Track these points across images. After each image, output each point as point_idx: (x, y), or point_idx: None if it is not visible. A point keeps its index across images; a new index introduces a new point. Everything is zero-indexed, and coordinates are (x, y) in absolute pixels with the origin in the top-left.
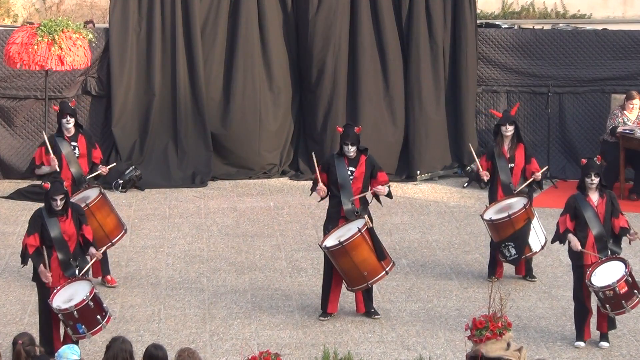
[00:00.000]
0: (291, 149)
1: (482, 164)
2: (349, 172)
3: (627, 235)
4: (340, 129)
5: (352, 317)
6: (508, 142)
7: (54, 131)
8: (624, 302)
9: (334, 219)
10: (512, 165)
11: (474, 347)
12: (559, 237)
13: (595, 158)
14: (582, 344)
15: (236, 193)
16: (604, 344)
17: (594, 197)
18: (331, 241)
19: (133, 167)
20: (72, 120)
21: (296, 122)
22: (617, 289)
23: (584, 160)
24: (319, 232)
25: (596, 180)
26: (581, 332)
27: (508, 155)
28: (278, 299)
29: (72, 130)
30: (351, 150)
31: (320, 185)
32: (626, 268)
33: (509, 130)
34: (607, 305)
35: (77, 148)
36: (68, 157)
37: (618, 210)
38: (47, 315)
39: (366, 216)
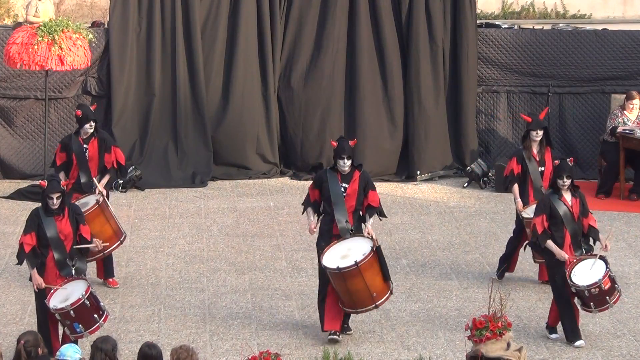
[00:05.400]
0: (290, 149)
1: (513, 167)
2: (342, 189)
3: (600, 243)
4: (335, 143)
5: (352, 317)
6: (537, 145)
7: (55, 131)
8: (607, 297)
9: (326, 237)
10: (543, 168)
11: (474, 347)
12: (539, 237)
13: (568, 159)
14: (582, 342)
15: (236, 193)
16: (554, 335)
17: (568, 196)
18: (339, 262)
19: (133, 167)
20: (94, 125)
21: (295, 122)
22: (603, 286)
23: (557, 162)
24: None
25: (567, 182)
26: (576, 330)
27: (538, 159)
28: (278, 299)
29: (89, 132)
30: (347, 164)
31: (312, 224)
32: (607, 264)
33: (538, 135)
34: (592, 303)
35: (87, 151)
36: (78, 158)
37: (587, 210)
38: (45, 315)
39: (373, 235)
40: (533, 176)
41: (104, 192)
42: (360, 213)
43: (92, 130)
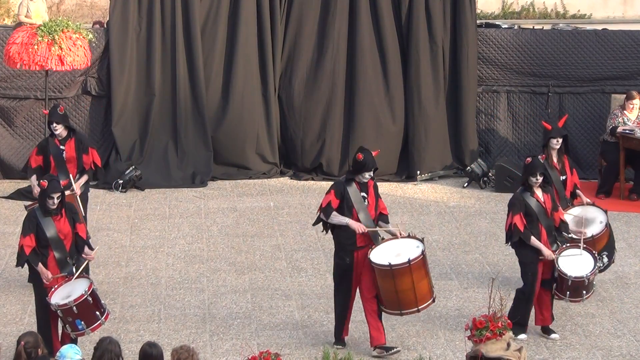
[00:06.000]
0: (290, 149)
1: None
2: (363, 198)
3: (573, 235)
4: (361, 156)
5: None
6: (556, 154)
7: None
8: (594, 282)
9: (349, 251)
10: (564, 177)
11: (474, 347)
12: (523, 234)
13: (539, 156)
14: (525, 337)
15: (236, 193)
16: (554, 335)
17: (539, 193)
18: (391, 259)
19: (133, 167)
20: (59, 127)
21: (295, 122)
22: (597, 271)
23: (529, 159)
24: (319, 233)
25: (540, 179)
26: (525, 326)
27: (558, 168)
28: (278, 299)
29: (64, 134)
30: (370, 177)
31: (355, 223)
32: (591, 253)
33: (559, 143)
34: (584, 291)
35: (64, 152)
36: (56, 160)
37: (557, 205)
38: (46, 315)
39: (406, 234)
40: (556, 185)
41: (78, 192)
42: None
43: (58, 131)
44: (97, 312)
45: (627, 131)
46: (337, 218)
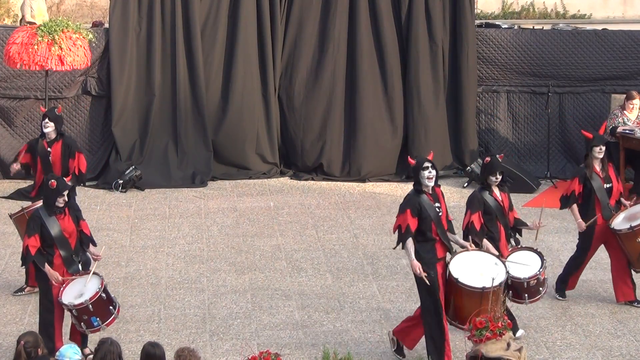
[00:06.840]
0: (290, 149)
1: (575, 187)
2: (437, 209)
3: (527, 226)
4: (413, 161)
5: (352, 317)
6: (599, 162)
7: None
8: (540, 288)
9: (432, 264)
10: (609, 185)
11: (474, 347)
12: (477, 234)
13: (497, 156)
14: (523, 332)
15: (236, 193)
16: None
17: (497, 192)
18: (482, 281)
19: (133, 167)
20: (50, 125)
21: (295, 122)
22: (540, 277)
23: (488, 159)
24: (319, 232)
25: (499, 177)
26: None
27: (602, 176)
28: (278, 299)
29: (52, 136)
30: (432, 173)
31: (417, 265)
32: (541, 256)
33: (602, 151)
34: (526, 295)
35: (50, 154)
36: (42, 161)
37: (512, 204)
38: (50, 314)
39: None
40: (599, 194)
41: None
42: None
43: (48, 130)
44: (111, 307)
45: (627, 131)
46: (408, 251)
